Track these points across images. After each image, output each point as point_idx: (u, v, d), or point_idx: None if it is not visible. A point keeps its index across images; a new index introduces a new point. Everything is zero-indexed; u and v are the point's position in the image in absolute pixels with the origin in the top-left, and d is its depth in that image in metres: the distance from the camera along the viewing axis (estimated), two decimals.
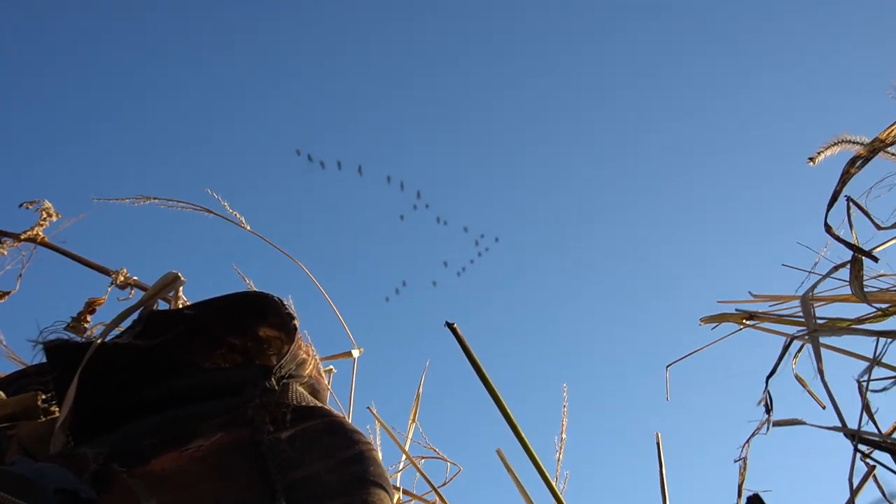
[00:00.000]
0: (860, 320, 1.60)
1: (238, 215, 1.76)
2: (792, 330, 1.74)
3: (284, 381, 1.53)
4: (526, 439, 1.42)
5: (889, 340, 1.60)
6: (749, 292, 1.95)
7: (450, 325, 1.56)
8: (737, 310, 1.79)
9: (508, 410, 1.40)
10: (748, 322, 1.78)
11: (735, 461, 1.59)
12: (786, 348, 1.40)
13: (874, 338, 1.54)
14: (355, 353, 1.94)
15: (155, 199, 1.63)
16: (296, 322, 1.52)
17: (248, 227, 1.75)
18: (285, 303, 1.53)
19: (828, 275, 1.65)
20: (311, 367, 1.55)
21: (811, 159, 1.63)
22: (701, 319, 1.83)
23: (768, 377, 1.65)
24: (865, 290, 1.66)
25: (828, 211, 1.60)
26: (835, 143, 1.68)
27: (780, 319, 1.71)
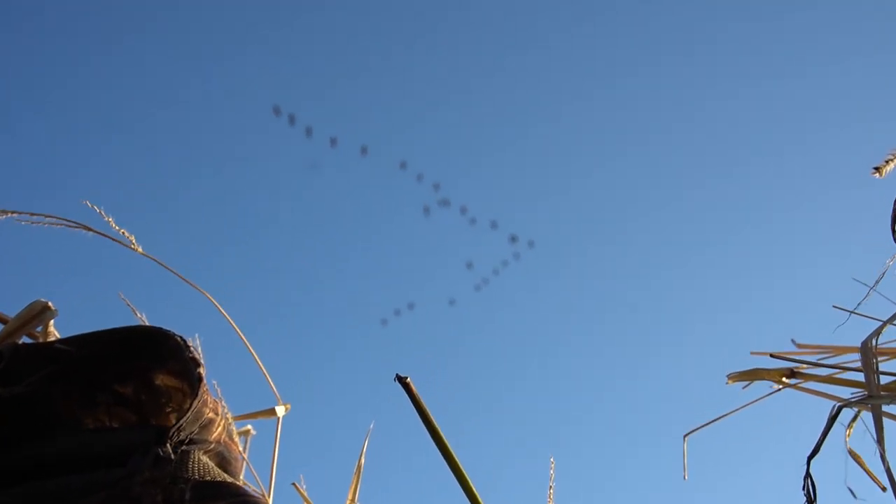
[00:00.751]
0: None
1: (126, 233, 1.42)
2: (846, 392, 1.39)
3: (184, 447, 1.19)
4: None
5: None
6: (792, 340, 1.60)
7: (401, 380, 1.25)
8: (772, 363, 1.44)
9: (476, 494, 1.04)
10: (788, 381, 1.43)
11: None
12: (833, 418, 1.04)
13: None
14: (280, 410, 1.59)
15: (13, 213, 1.31)
16: (201, 370, 1.19)
17: (140, 249, 1.42)
18: (189, 344, 1.19)
19: (892, 319, 1.29)
20: (219, 429, 1.23)
21: (877, 170, 1.29)
22: (728, 377, 1.47)
23: (810, 457, 1.27)
24: None
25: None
26: None
27: (830, 378, 1.36)
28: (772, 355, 1.39)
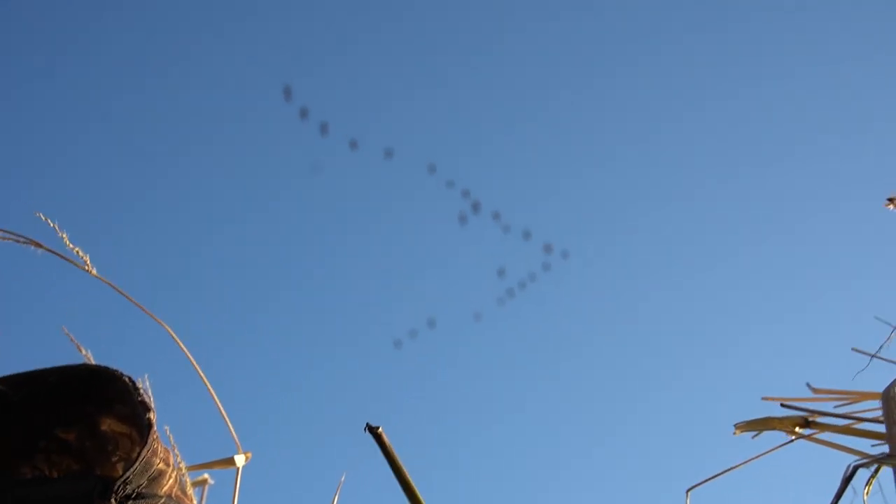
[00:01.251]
0: None
1: (80, 252, 1.30)
2: (865, 444, 1.27)
3: (131, 501, 1.07)
4: None
5: None
6: (807, 385, 1.48)
7: (372, 430, 1.14)
8: (784, 411, 1.32)
9: None
10: (802, 431, 1.31)
11: None
12: (847, 479, 0.93)
13: None
14: (240, 459, 1.47)
15: None
16: (152, 415, 1.07)
17: (94, 271, 1.30)
18: (139, 385, 1.07)
19: None
20: (170, 481, 1.11)
21: (891, 201, 1.19)
22: (736, 426, 1.36)
23: None
24: None
25: None
26: None
27: (848, 429, 1.24)
28: (783, 403, 1.27)
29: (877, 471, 1.24)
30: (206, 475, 1.51)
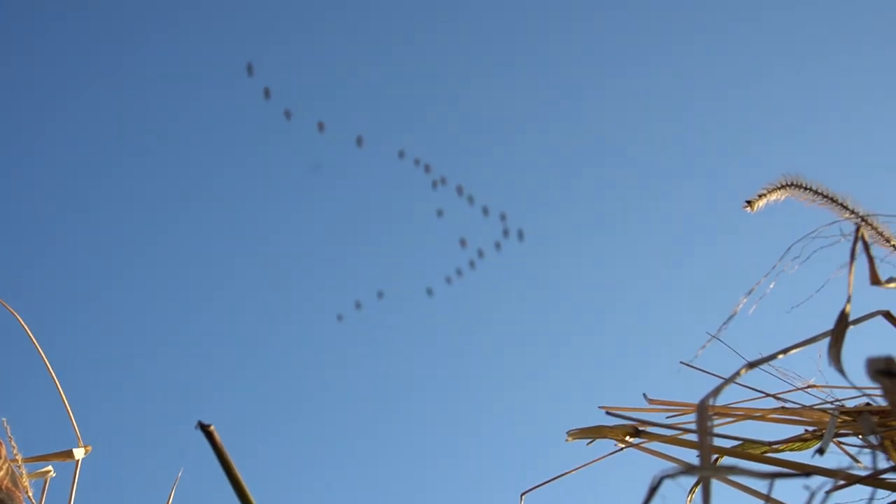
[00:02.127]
0: (772, 448, 1.18)
1: None
2: (692, 454, 1.32)
3: None
4: None
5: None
6: (644, 395, 1.52)
7: (204, 428, 1.13)
8: (617, 419, 1.36)
9: None
10: (631, 440, 1.35)
11: None
12: (653, 489, 0.96)
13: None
14: (79, 452, 1.46)
15: None
16: None
17: None
18: None
19: (733, 379, 1.22)
20: (0, 473, 1.11)
21: (749, 203, 1.22)
22: (569, 433, 1.39)
23: None
24: (786, 405, 1.24)
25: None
26: (783, 186, 1.27)
27: (672, 440, 1.28)
28: (608, 412, 1.31)
29: (698, 482, 1.29)
30: (50, 467, 1.49)
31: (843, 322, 1.20)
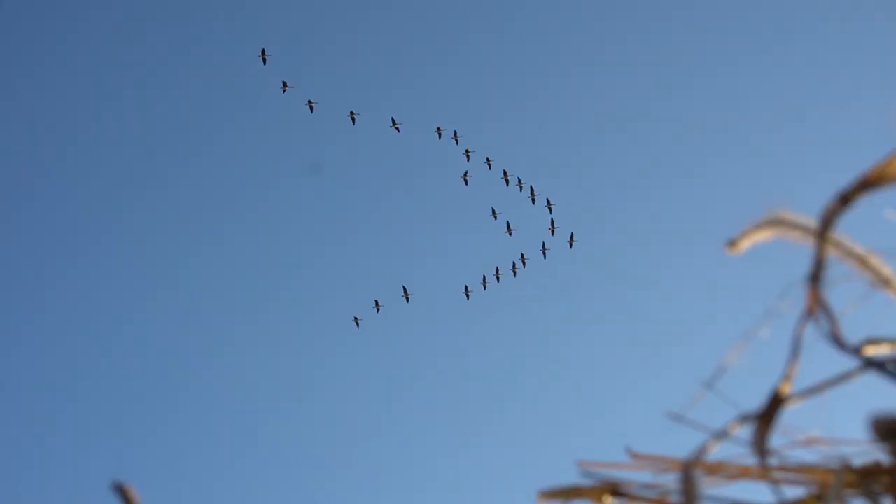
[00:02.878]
0: None
1: None
2: None
3: None
4: None
5: None
6: (627, 449, 1.38)
7: (118, 488, 1.01)
8: (595, 477, 1.22)
9: None
10: (611, 500, 1.21)
11: None
12: None
13: None
14: None
15: None
16: None
17: None
18: None
19: (723, 434, 1.09)
20: None
21: (732, 244, 1.11)
22: (540, 494, 1.25)
23: None
24: (780, 460, 1.11)
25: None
26: (767, 224, 1.16)
27: (659, 501, 1.15)
28: (585, 468, 1.17)
29: None
30: None
31: (775, 403, 1.07)
